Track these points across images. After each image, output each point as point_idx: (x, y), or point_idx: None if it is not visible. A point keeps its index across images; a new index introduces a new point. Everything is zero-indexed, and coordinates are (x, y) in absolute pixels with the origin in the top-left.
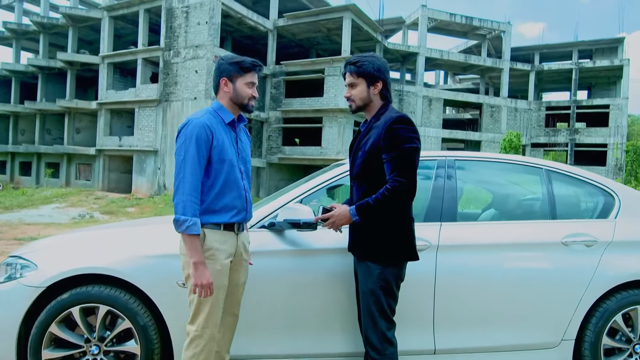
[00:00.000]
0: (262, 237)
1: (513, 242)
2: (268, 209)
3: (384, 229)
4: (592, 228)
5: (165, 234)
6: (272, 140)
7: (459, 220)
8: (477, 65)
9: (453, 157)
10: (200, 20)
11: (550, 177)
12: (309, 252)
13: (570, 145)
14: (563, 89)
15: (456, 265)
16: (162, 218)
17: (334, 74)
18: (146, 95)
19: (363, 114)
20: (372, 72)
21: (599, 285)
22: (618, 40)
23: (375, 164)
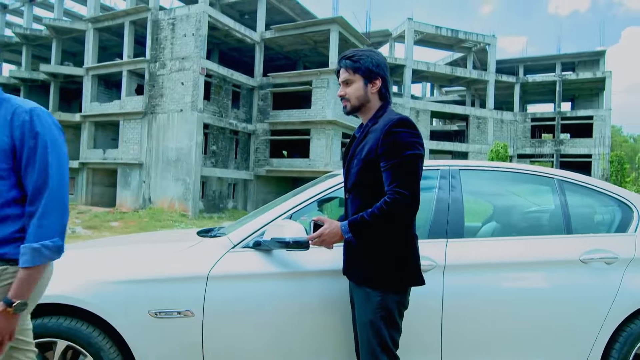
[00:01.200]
0: (247, 259)
1: (528, 261)
2: (253, 226)
3: (384, 249)
4: (611, 244)
5: (137, 256)
6: (260, 152)
7: (467, 236)
8: (463, 78)
9: (457, 166)
10: (187, 32)
11: (562, 188)
12: (301, 275)
13: (555, 156)
14: (547, 100)
15: (465, 287)
16: (134, 237)
17: (322, 86)
18: (131, 108)
19: (356, 119)
20: (370, 68)
21: (622, 306)
22: (599, 53)
23: (372, 174)
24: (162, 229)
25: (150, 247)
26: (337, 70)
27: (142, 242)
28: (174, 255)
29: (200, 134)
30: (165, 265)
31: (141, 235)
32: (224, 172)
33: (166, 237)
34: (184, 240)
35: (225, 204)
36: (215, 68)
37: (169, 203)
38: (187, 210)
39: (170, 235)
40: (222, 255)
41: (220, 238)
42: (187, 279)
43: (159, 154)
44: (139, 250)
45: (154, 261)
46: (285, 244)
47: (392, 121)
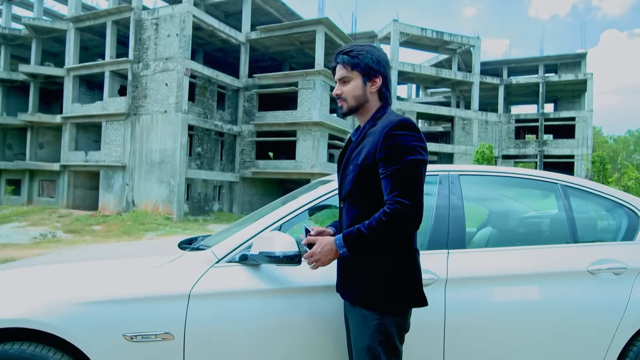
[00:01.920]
0: (232, 274)
1: (534, 272)
2: (239, 239)
3: (382, 265)
4: (619, 253)
5: (110, 273)
6: (246, 154)
7: (469, 246)
8: (449, 79)
9: (457, 171)
10: (171, 32)
11: (567, 194)
12: (292, 291)
13: (539, 157)
14: (531, 102)
15: (469, 302)
16: (108, 249)
17: (308, 87)
18: (114, 109)
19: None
20: (370, 65)
21: (632, 319)
22: (580, 56)
23: (370, 181)
24: (146, 232)
25: (125, 263)
26: (332, 67)
27: (117, 257)
28: (151, 272)
29: (184, 136)
30: (142, 282)
31: (117, 248)
32: (209, 174)
33: (143, 250)
34: (163, 254)
35: (210, 206)
36: (200, 69)
37: (153, 206)
38: (171, 213)
39: (148, 247)
40: (205, 271)
41: (203, 252)
42: (167, 298)
43: (143, 156)
44: (113, 266)
45: (129, 278)
46: (274, 258)
47: (392, 123)
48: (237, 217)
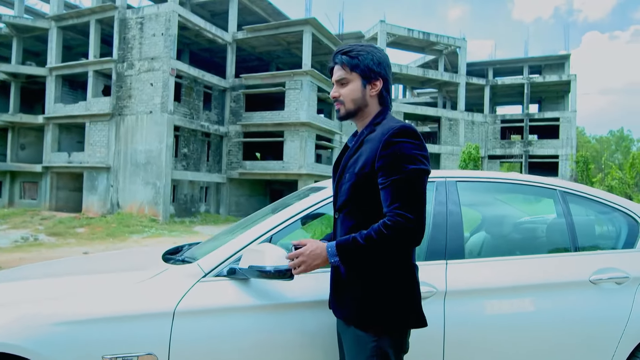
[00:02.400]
0: (220, 289)
1: (536, 283)
2: (227, 251)
3: (379, 281)
4: (620, 261)
5: (88, 290)
6: (232, 155)
7: (468, 257)
8: (435, 80)
9: (454, 177)
10: (156, 31)
11: (566, 200)
12: (283, 307)
13: (524, 157)
14: (516, 102)
15: (469, 315)
16: (85, 262)
17: (295, 87)
18: (98, 109)
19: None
20: (370, 66)
21: (635, 330)
22: (564, 57)
23: (367, 191)
24: (131, 235)
25: (104, 278)
26: (330, 68)
27: (95, 271)
28: (133, 288)
29: (170, 136)
30: (123, 300)
31: (96, 260)
32: (196, 175)
33: (125, 264)
34: (146, 268)
35: (197, 207)
36: (186, 69)
37: (139, 207)
38: (157, 215)
39: (130, 259)
40: (191, 287)
41: (189, 265)
42: (150, 317)
43: (128, 157)
44: (91, 282)
45: (109, 295)
46: (265, 273)
47: (392, 129)
48: (224, 218)
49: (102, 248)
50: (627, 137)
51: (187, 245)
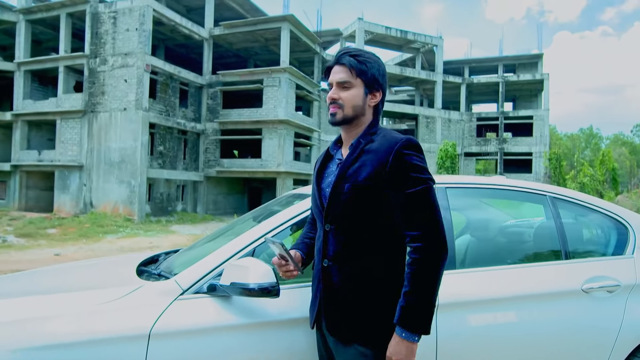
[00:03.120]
0: (200, 308)
1: (530, 294)
2: (206, 266)
3: (380, 293)
4: (611, 269)
5: (53, 311)
6: (210, 152)
7: (459, 267)
8: (413, 78)
9: (444, 183)
10: (130, 26)
11: (556, 206)
12: (268, 326)
13: (499, 154)
14: (491, 100)
15: (462, 329)
16: (52, 276)
17: (273, 85)
18: (69, 106)
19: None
20: (376, 76)
21: (627, 339)
22: (537, 56)
23: (370, 203)
24: (105, 235)
25: (71, 298)
26: (329, 66)
27: (60, 289)
28: (103, 308)
29: (145, 134)
30: (93, 322)
31: (62, 273)
32: (172, 173)
33: (94, 278)
34: (118, 285)
35: (174, 206)
36: (161, 65)
37: (113, 207)
38: (132, 214)
39: (100, 272)
40: (168, 305)
41: (165, 282)
42: (122, 340)
43: (101, 155)
44: (55, 302)
45: (76, 317)
46: (249, 291)
47: (402, 141)
48: (201, 217)
49: (74, 249)
50: (596, 135)
51: (164, 255)
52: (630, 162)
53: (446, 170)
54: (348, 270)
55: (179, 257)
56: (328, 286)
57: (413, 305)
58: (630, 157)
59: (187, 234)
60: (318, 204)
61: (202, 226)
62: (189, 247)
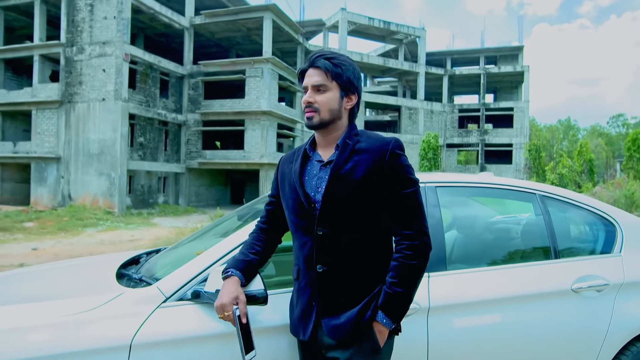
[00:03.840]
0: (183, 315)
1: (520, 294)
2: (190, 271)
3: (376, 289)
4: (600, 267)
5: (26, 322)
6: (192, 144)
7: (450, 268)
8: (396, 69)
9: (434, 182)
10: (108, 14)
11: (545, 204)
12: (257, 333)
13: (481, 145)
14: (472, 92)
15: (453, 331)
16: (25, 283)
17: (256, 75)
18: (45, 96)
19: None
20: (351, 79)
21: (615, 338)
22: (518, 49)
23: (367, 203)
24: (84, 228)
25: (46, 307)
26: (303, 69)
27: (34, 297)
28: (81, 318)
29: (125, 125)
30: (70, 333)
31: (37, 277)
32: (153, 165)
33: (72, 283)
34: (96, 291)
35: (155, 198)
36: (141, 54)
37: (92, 199)
38: (112, 207)
39: (78, 276)
40: (150, 314)
41: (147, 288)
42: (102, 352)
43: (80, 146)
44: (29, 312)
45: (52, 329)
46: None
47: (394, 141)
48: (183, 209)
49: (53, 243)
50: (574, 126)
51: (145, 255)
52: (606, 152)
53: (428, 161)
54: (346, 273)
55: (161, 258)
56: (326, 292)
57: (400, 298)
58: (606, 147)
59: (169, 226)
60: (305, 209)
61: (184, 218)
62: (172, 247)
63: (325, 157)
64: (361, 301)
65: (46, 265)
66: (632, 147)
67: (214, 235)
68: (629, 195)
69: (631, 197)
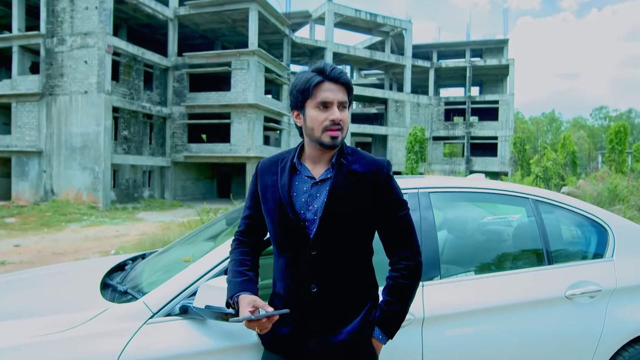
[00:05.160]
0: (171, 332)
1: (515, 302)
2: (178, 284)
3: (367, 305)
4: (592, 273)
5: (12, 340)
6: (177, 137)
7: (444, 277)
8: (382, 62)
9: (427, 188)
10: (89, 4)
11: (538, 209)
12: (249, 349)
13: (466, 138)
14: (458, 85)
15: (448, 342)
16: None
17: (241, 68)
18: (25, 88)
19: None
20: (351, 94)
21: (608, 344)
22: (503, 42)
23: (363, 225)
24: (68, 224)
25: (27, 325)
26: (318, 82)
27: (15, 315)
28: (64, 336)
29: (109, 118)
30: (52, 353)
31: (14, 288)
32: (138, 159)
33: (53, 296)
34: (79, 307)
35: (140, 192)
36: (124, 46)
37: (76, 194)
38: (97, 202)
39: (60, 289)
40: (137, 331)
41: (133, 304)
42: None
43: (62, 140)
44: (9, 330)
45: (32, 349)
46: (226, 315)
47: (388, 164)
48: (169, 203)
49: (36, 240)
50: (557, 119)
51: (130, 262)
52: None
53: (415, 154)
54: (340, 291)
55: (146, 267)
56: (322, 310)
57: (396, 315)
58: (588, 140)
59: (155, 221)
60: (294, 227)
61: (170, 213)
62: (158, 252)
63: (316, 174)
64: (356, 317)
65: (26, 272)
66: (615, 140)
67: (202, 242)
68: (612, 188)
69: (614, 190)
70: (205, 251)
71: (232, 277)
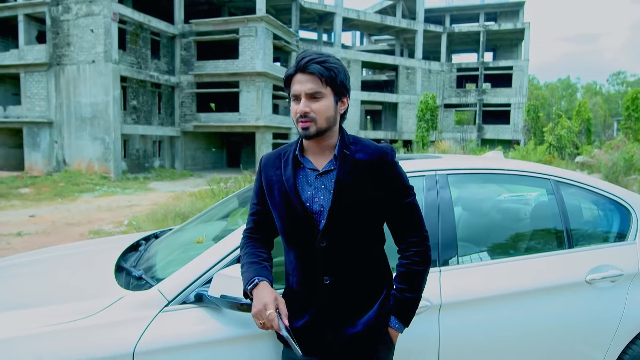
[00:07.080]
0: (187, 320)
1: (534, 288)
2: (193, 272)
3: (380, 293)
4: (614, 257)
5: (16, 331)
6: (186, 106)
7: (461, 262)
8: (393, 27)
9: (444, 170)
10: None
11: (559, 191)
12: (266, 337)
13: (478, 105)
14: (471, 50)
15: (465, 328)
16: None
17: (249, 35)
18: (33, 58)
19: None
20: (344, 82)
21: (627, 328)
22: (519, 4)
23: (370, 216)
24: (81, 194)
25: (39, 313)
26: (290, 74)
27: (27, 303)
28: (79, 325)
29: (117, 88)
30: (66, 342)
31: (26, 274)
32: (147, 128)
33: (66, 282)
34: (93, 294)
35: (151, 162)
36: (130, 13)
37: (88, 164)
38: (108, 172)
39: (74, 275)
40: (153, 319)
41: (148, 292)
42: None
43: (71, 110)
44: (21, 319)
45: (47, 337)
46: (241, 305)
47: (391, 151)
48: (179, 173)
49: (50, 210)
50: (573, 85)
51: (144, 242)
52: (603, 111)
53: (426, 122)
54: (353, 282)
55: (159, 249)
56: (337, 302)
57: (411, 302)
58: (604, 106)
59: (166, 190)
60: (303, 220)
61: (181, 182)
62: (171, 232)
63: (318, 166)
64: (371, 306)
65: (39, 253)
66: (631, 107)
67: (215, 222)
68: (628, 158)
69: (630, 159)
70: (217, 231)
71: (247, 267)
